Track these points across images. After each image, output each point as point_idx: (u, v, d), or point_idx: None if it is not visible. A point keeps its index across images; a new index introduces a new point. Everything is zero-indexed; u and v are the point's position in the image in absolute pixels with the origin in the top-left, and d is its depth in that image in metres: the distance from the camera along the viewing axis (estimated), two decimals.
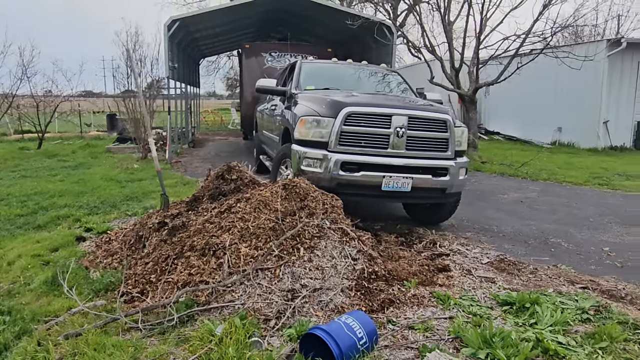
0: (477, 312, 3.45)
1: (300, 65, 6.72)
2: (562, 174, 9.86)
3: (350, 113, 4.80)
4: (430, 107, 5.22)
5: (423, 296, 3.64)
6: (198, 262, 3.78)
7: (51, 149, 14.35)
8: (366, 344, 2.67)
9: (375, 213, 6.41)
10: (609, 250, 5.06)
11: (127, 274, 4.00)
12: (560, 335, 3.14)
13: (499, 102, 19.89)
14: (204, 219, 4.20)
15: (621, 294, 3.89)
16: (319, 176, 4.87)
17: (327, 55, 13.73)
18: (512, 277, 4.20)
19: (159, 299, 3.53)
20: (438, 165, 5.01)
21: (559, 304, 3.58)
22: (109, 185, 8.30)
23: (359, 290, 3.57)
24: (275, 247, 3.72)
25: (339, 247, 3.93)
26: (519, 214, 6.59)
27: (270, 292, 3.48)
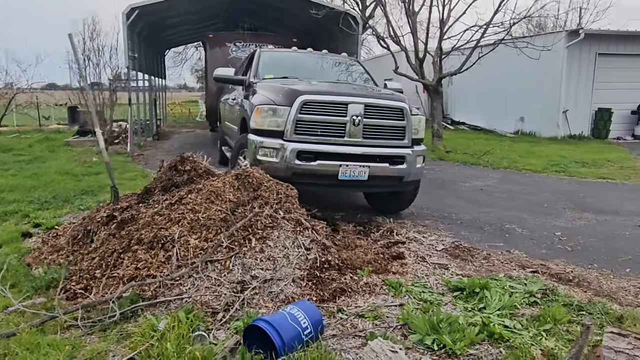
0: (428, 299, 3.46)
1: (259, 54, 6.60)
2: (522, 162, 10.07)
3: (305, 101, 4.73)
4: (387, 96, 5.20)
5: (375, 284, 3.63)
6: (145, 256, 3.65)
7: (6, 143, 13.71)
8: (311, 334, 2.62)
9: (336, 203, 6.39)
10: (560, 235, 5.18)
11: (72, 270, 3.85)
12: (507, 319, 3.18)
13: (465, 92, 20.19)
14: (154, 212, 4.07)
15: (569, 277, 3.99)
16: (275, 166, 4.79)
17: (292, 45, 13.57)
18: (466, 263, 4.25)
19: (102, 294, 3.40)
20: (395, 154, 5.00)
21: (508, 288, 3.64)
22: (64, 179, 7.99)
23: (311, 280, 3.52)
24: (225, 239, 3.64)
25: (292, 237, 3.87)
26: (478, 202, 6.69)
27: (220, 285, 3.40)
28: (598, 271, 4.16)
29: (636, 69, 15.07)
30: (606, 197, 7.13)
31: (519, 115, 16.66)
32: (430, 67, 12.24)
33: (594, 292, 3.71)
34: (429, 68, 12.24)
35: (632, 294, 3.68)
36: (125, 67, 11.28)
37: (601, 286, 3.82)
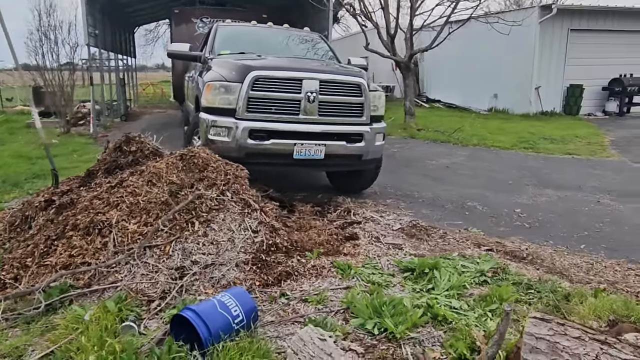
0: (376, 281, 3.35)
1: (215, 28, 6.30)
2: (492, 139, 10.04)
3: (257, 77, 4.51)
4: (344, 71, 5.01)
5: (323, 267, 3.51)
6: (81, 242, 3.45)
7: None
8: (243, 322, 2.48)
9: (299, 183, 6.23)
10: (520, 212, 5.14)
11: (5, 259, 3.62)
12: (455, 300, 3.10)
13: (440, 70, 20.04)
14: (93, 195, 3.84)
15: (523, 255, 3.93)
16: (228, 146, 4.59)
17: (262, 21, 13.17)
18: (421, 242, 4.16)
19: (32, 284, 3.20)
20: (352, 131, 4.84)
21: (460, 268, 3.55)
22: (18, 162, 7.65)
23: (256, 264, 3.38)
24: (165, 223, 3.45)
25: (239, 220, 3.71)
26: (442, 180, 6.61)
27: (157, 271, 3.22)
28: (553, 248, 4.13)
29: (607, 45, 15.11)
30: (570, 173, 7.13)
31: (493, 92, 16.64)
32: (402, 44, 12.02)
33: (546, 269, 3.66)
34: (401, 45, 12.02)
35: (584, 270, 3.65)
36: (85, 45, 10.74)
37: (554, 263, 3.78)
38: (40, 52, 10.44)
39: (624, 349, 1.42)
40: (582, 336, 1.50)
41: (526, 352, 1.58)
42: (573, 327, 1.56)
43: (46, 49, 10.39)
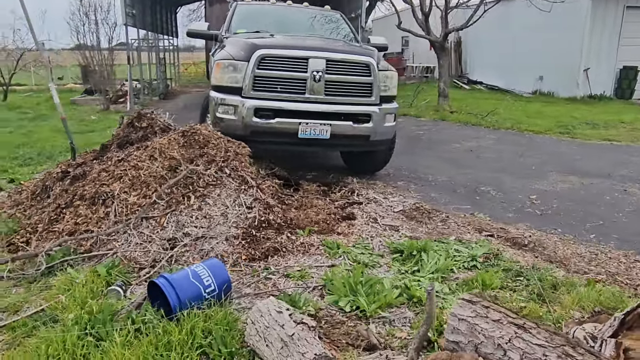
0: (363, 260, 3.36)
1: (234, 7, 6.35)
2: (527, 123, 9.61)
3: (263, 56, 4.54)
4: (353, 50, 4.94)
5: (312, 244, 3.55)
6: (86, 212, 3.66)
7: (17, 102, 14.02)
8: (214, 292, 2.58)
9: (313, 162, 6.26)
10: (535, 199, 4.94)
11: (23, 224, 3.91)
12: (438, 283, 3.06)
13: (483, 51, 19.25)
14: (101, 168, 4.05)
15: (525, 242, 3.81)
16: (234, 124, 4.68)
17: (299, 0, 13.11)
18: (420, 225, 4.10)
19: (41, 248, 3.44)
20: (359, 111, 4.79)
21: (452, 252, 3.50)
22: (55, 137, 8.11)
23: (245, 239, 3.47)
24: (161, 196, 3.59)
25: (234, 195, 3.80)
26: (461, 163, 6.44)
27: (150, 241, 3.38)
28: (559, 236, 3.95)
29: None
30: (604, 159, 6.74)
31: (538, 74, 15.84)
32: (438, 23, 11.63)
33: (546, 257, 3.53)
34: (437, 24, 11.63)
35: (586, 260, 3.49)
36: (123, 24, 11.12)
37: (556, 252, 3.63)
38: (82, 32, 10.87)
39: (538, 334, 1.37)
40: (502, 319, 1.46)
41: (448, 333, 1.56)
42: (497, 310, 1.52)
43: (87, 29, 10.79)
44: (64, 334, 2.22)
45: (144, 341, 2.20)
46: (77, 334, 2.25)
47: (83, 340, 2.23)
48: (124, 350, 2.13)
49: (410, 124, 9.97)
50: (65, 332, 2.24)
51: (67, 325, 2.33)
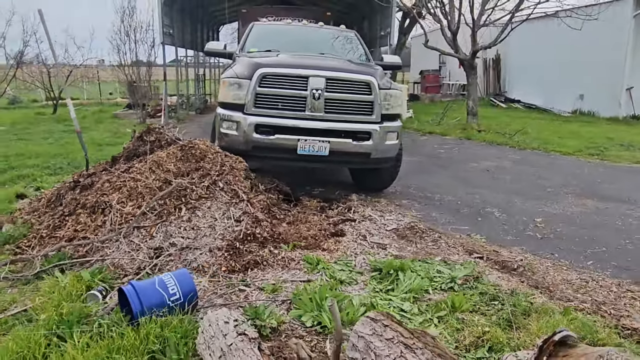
0: (340, 277, 3.38)
1: (251, 27, 6.60)
2: (556, 144, 9.28)
3: (265, 74, 4.70)
4: (354, 69, 5.01)
5: (293, 259, 3.61)
6: (86, 219, 3.90)
7: (65, 115, 14.98)
8: (179, 300, 2.68)
9: (323, 179, 6.33)
10: (539, 222, 4.78)
11: (34, 229, 4.19)
12: (409, 303, 3.04)
13: (523, 68, 18.81)
14: (106, 179, 4.30)
15: (514, 266, 3.70)
16: (237, 139, 4.85)
17: (325, 19, 13.38)
18: (409, 244, 4.08)
19: (41, 252, 3.69)
20: (359, 129, 4.84)
21: (433, 272, 3.46)
22: (89, 148, 8.59)
23: (228, 251, 3.57)
24: (152, 207, 3.78)
25: (224, 208, 3.93)
26: (474, 183, 6.31)
27: (138, 250, 3.55)
28: (553, 261, 3.81)
29: None
30: (628, 183, 6.41)
31: (579, 92, 15.27)
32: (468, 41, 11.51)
33: (533, 282, 3.42)
34: (467, 41, 11.51)
35: (574, 287, 3.35)
36: (160, 43, 11.73)
37: (545, 277, 3.51)
38: (123, 50, 11.56)
39: (422, 354, 1.36)
40: (394, 338, 1.45)
41: (348, 349, 1.57)
42: (393, 329, 1.52)
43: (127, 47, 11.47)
44: (30, 333, 2.38)
45: (101, 344, 2.33)
46: (42, 334, 2.41)
47: (48, 339, 2.39)
48: (80, 352, 2.26)
49: (434, 142, 9.87)
50: (32, 332, 2.41)
51: (37, 325, 2.50)
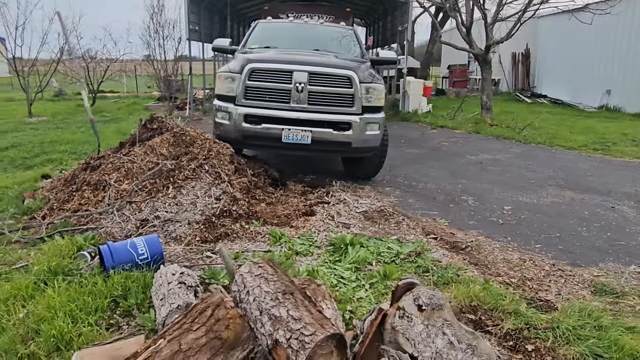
0: (298, 250, 3.81)
1: (255, 24, 7.07)
2: (564, 138, 9.30)
3: (253, 69, 5.16)
4: (336, 64, 5.37)
5: (260, 233, 4.07)
6: (89, 195, 4.50)
7: (102, 106, 16.07)
8: (146, 260, 3.20)
9: (318, 167, 6.74)
10: (507, 209, 5.02)
11: (49, 203, 4.85)
12: (350, 272, 3.44)
13: (552, 63, 18.46)
14: (110, 161, 4.90)
15: (463, 246, 4.01)
16: (229, 128, 5.34)
17: (345, 15, 13.72)
18: (373, 225, 4.45)
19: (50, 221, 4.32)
20: (339, 120, 5.23)
21: (383, 249, 3.83)
22: (115, 136, 9.35)
23: (205, 224, 4.08)
24: (145, 185, 4.33)
25: (206, 188, 4.44)
26: (462, 174, 6.56)
27: (128, 221, 4.11)
28: (503, 244, 4.09)
29: None
30: (616, 177, 6.47)
31: (606, 88, 14.93)
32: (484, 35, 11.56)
33: (474, 260, 3.73)
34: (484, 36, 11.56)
35: (511, 265, 3.64)
36: (186, 39, 12.43)
37: (487, 257, 3.81)
38: (152, 46, 12.35)
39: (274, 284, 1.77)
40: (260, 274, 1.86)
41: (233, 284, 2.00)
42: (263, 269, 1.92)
43: (156, 43, 12.24)
44: (23, 280, 2.96)
45: (75, 288, 2.87)
46: (32, 280, 2.99)
47: (36, 284, 2.96)
48: (57, 294, 2.81)
49: (442, 135, 10.07)
50: (25, 278, 2.98)
51: (30, 274, 3.08)
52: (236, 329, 1.75)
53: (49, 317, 2.55)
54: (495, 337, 2.62)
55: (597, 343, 2.48)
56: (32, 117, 12.82)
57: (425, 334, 1.73)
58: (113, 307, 2.79)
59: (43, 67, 13.16)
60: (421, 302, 1.77)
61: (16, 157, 7.62)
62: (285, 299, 1.71)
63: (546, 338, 2.57)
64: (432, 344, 1.71)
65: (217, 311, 1.77)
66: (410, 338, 1.72)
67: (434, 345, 1.70)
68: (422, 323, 1.74)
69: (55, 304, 2.65)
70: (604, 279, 3.40)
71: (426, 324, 1.74)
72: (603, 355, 2.40)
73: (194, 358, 1.63)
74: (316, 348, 1.50)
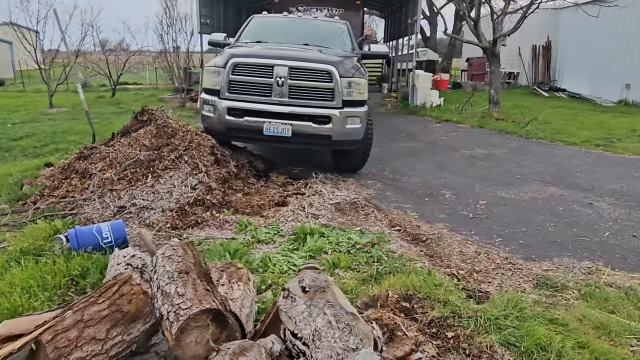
0: (261, 238, 3.99)
1: (249, 19, 7.24)
2: (568, 133, 9.15)
3: (236, 63, 5.34)
4: (316, 58, 5.48)
5: (228, 221, 4.27)
6: (77, 182, 4.80)
7: (121, 98, 16.63)
8: (110, 243, 3.44)
9: (308, 160, 6.88)
10: (482, 204, 5.07)
11: (42, 190, 5.17)
12: (303, 259, 3.59)
13: (573, 56, 17.99)
14: (99, 151, 5.18)
15: (424, 238, 4.11)
16: (214, 120, 5.54)
17: (355, 8, 13.74)
18: (342, 216, 4.58)
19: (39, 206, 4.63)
20: (319, 114, 5.36)
21: (343, 239, 3.96)
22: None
23: (177, 212, 4.30)
24: (117, 175, 4.58)
25: (183, 178, 4.66)
26: (449, 169, 6.59)
27: (107, 207, 4.37)
28: (465, 237, 4.16)
29: None
30: (606, 173, 6.37)
31: (625, 82, 14.49)
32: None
33: (431, 251, 3.83)
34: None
35: (464, 257, 3.72)
36: (198, 32, 12.71)
37: (444, 249, 3.90)
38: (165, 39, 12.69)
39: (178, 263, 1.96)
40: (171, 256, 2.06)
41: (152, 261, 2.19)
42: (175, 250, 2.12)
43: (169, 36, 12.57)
44: None
45: (39, 266, 3.13)
46: (5, 259, 3.27)
47: (8, 263, 3.24)
48: (21, 272, 3.07)
49: (444, 129, 10.05)
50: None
51: (3, 254, 3.36)
52: (138, 303, 1.94)
53: (7, 292, 2.81)
54: (420, 323, 2.74)
55: (514, 332, 2.57)
56: (52, 108, 13.41)
57: (307, 314, 1.88)
58: (70, 285, 3.04)
59: (62, 60, 13.70)
60: (305, 284, 1.92)
61: (27, 146, 8.07)
62: (179, 277, 1.88)
63: (467, 326, 2.67)
64: (313, 323, 1.85)
65: (123, 287, 1.97)
66: (292, 317, 1.87)
67: (314, 323, 1.85)
68: (304, 303, 1.89)
69: (16, 281, 2.91)
70: (552, 273, 3.45)
71: (309, 304, 1.89)
72: (515, 344, 2.50)
73: (94, 327, 1.83)
74: (189, 320, 1.67)
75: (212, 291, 1.85)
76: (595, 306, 2.92)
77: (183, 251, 2.12)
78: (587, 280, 3.34)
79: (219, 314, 1.73)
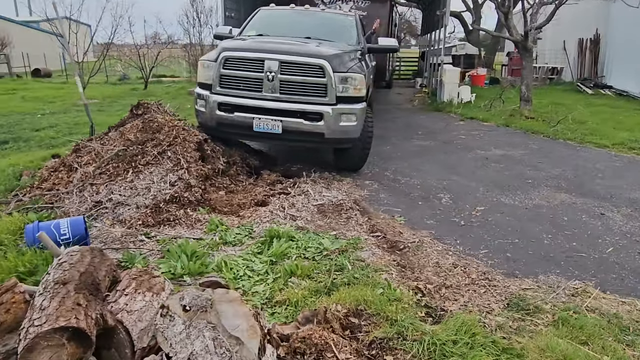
0: (228, 239, 3.84)
1: (256, 12, 7.09)
2: (602, 135, 8.45)
3: (227, 57, 5.21)
4: (308, 52, 5.23)
5: (199, 220, 4.15)
6: (64, 175, 4.83)
7: (153, 90, 16.99)
8: (68, 240, 3.40)
9: (311, 158, 6.66)
10: (478, 210, 4.70)
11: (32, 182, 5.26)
12: (264, 264, 3.43)
13: (624, 51, 16.72)
14: (90, 144, 5.20)
15: (402, 246, 3.84)
16: (205, 115, 5.45)
17: (382, 0, 13.34)
18: (322, 218, 4.37)
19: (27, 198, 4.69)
20: (311, 110, 5.14)
21: (313, 244, 3.76)
22: None
23: (152, 209, 4.23)
24: (99, 170, 4.56)
25: (164, 174, 4.59)
26: (456, 171, 6.19)
27: (85, 202, 4.36)
28: (447, 247, 3.85)
29: None
30: (632, 181, 5.76)
31: None
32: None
33: (405, 262, 3.57)
34: None
35: (438, 270, 3.43)
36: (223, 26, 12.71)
37: (420, 259, 3.62)
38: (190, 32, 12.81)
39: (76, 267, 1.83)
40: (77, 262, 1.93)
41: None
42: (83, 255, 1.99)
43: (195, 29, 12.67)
44: None
45: None
46: None
47: None
48: None
49: (466, 128, 9.56)
50: None
51: None
52: (17, 313, 1.83)
53: None
54: (360, 343, 2.51)
55: None
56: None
57: (185, 335, 1.70)
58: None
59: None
60: (185, 302, 1.74)
61: (46, 137, 8.32)
62: (53, 288, 1.76)
63: (410, 350, 2.41)
64: (190, 346, 1.68)
65: (4, 295, 1.86)
66: (167, 337, 1.70)
67: (192, 346, 1.68)
68: (183, 323, 1.72)
69: None
70: (530, 293, 3.11)
71: (187, 324, 1.72)
72: None
73: None
74: (38, 339, 1.54)
75: (85, 305, 1.71)
76: (566, 335, 2.58)
77: (80, 257, 1.99)
78: (568, 303, 2.98)
79: (77, 332, 1.58)
